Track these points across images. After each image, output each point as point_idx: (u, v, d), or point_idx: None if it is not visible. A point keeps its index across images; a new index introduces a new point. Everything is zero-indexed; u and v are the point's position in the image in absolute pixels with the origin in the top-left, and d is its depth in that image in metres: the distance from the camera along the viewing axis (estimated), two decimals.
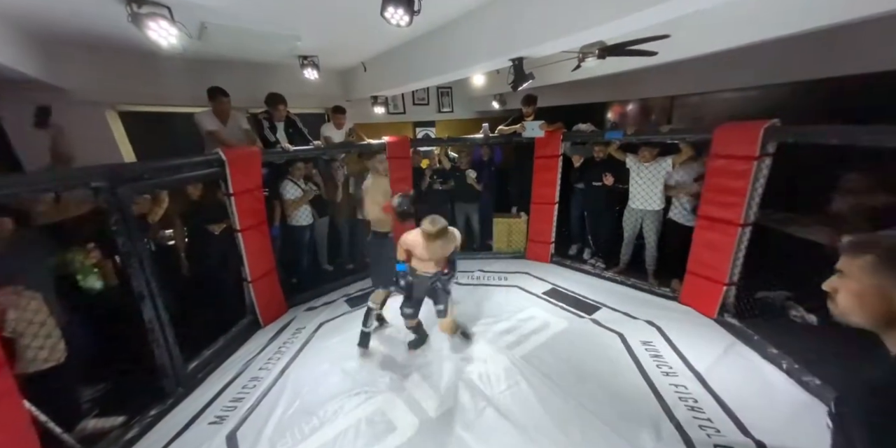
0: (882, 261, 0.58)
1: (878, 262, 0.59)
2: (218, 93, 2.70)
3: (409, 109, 5.13)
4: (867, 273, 0.60)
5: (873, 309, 0.59)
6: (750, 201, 2.30)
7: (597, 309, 2.82)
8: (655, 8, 1.45)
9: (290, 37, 2.64)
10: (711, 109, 3.69)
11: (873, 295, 0.59)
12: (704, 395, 1.88)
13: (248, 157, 2.59)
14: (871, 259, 0.59)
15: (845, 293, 0.63)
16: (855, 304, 0.62)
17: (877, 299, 0.59)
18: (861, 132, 1.76)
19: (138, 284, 1.82)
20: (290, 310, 3.06)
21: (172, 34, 1.84)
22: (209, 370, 2.26)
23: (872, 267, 0.59)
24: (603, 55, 2.39)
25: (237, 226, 2.54)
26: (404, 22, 1.90)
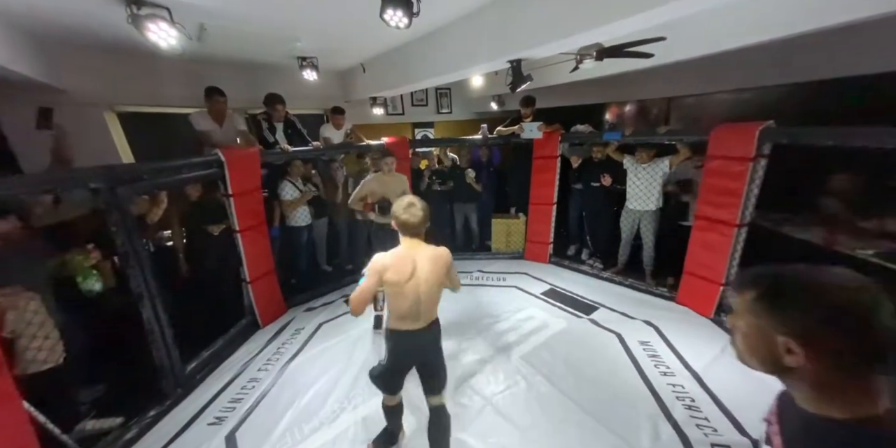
0: (762, 298, 0.49)
1: (757, 299, 0.50)
2: (214, 92, 2.70)
3: (407, 110, 5.14)
4: (749, 311, 0.51)
5: (758, 352, 0.50)
6: (746, 202, 2.32)
7: (595, 309, 2.83)
8: (651, 11, 1.47)
9: (290, 38, 2.66)
10: (707, 111, 3.72)
11: (756, 336, 0.50)
12: (702, 394, 1.90)
13: (247, 158, 2.59)
14: (752, 296, 0.51)
15: (736, 333, 0.54)
16: (743, 345, 0.53)
17: (759, 341, 0.50)
18: (855, 134, 1.78)
19: (137, 285, 1.82)
20: (290, 310, 3.06)
21: (172, 35, 1.84)
22: (208, 371, 2.26)
23: (752, 304, 0.50)
24: (600, 57, 2.41)
25: (236, 226, 2.54)
26: (403, 24, 1.91)
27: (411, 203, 1.34)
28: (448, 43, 2.64)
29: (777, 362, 0.48)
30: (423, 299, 1.35)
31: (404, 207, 1.33)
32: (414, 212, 1.32)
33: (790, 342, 0.45)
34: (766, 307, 0.48)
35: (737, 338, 0.54)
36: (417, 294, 1.34)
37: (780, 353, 0.46)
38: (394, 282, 1.31)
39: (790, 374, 0.48)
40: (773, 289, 0.49)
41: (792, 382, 0.50)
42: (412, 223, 1.32)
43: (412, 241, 1.36)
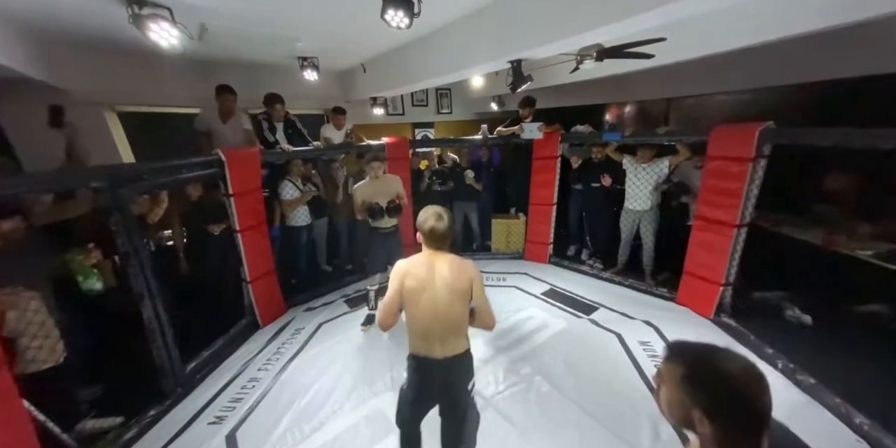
0: (685, 378, 0.60)
1: (682, 377, 0.61)
2: (224, 90, 2.72)
3: (408, 111, 5.15)
4: (675, 384, 0.62)
5: (677, 415, 0.63)
6: (745, 202, 2.32)
7: (595, 309, 2.84)
8: (651, 12, 1.48)
9: (290, 38, 2.66)
10: (706, 111, 3.73)
11: (677, 404, 0.62)
12: None
13: (247, 158, 2.59)
14: (679, 373, 0.61)
15: (661, 394, 0.66)
16: (665, 406, 0.65)
17: (679, 409, 0.61)
18: (854, 134, 1.78)
19: (138, 284, 1.82)
20: (290, 310, 3.06)
21: (173, 35, 1.85)
22: (208, 370, 2.26)
23: (679, 379, 0.61)
24: (600, 58, 2.42)
25: (236, 226, 2.54)
26: (404, 24, 1.92)
27: (438, 213, 1.27)
28: (449, 43, 2.65)
29: (690, 425, 0.61)
30: (441, 315, 1.22)
31: (431, 217, 1.26)
32: (440, 222, 1.25)
33: (700, 415, 0.58)
34: (687, 387, 0.60)
35: (661, 398, 0.66)
36: (435, 307, 1.21)
37: (693, 420, 0.59)
38: (411, 288, 1.22)
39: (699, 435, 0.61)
40: (693, 373, 0.60)
41: (700, 440, 0.62)
42: (438, 232, 1.25)
43: (436, 253, 1.28)
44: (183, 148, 2.91)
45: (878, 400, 1.67)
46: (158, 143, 3.42)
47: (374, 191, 2.50)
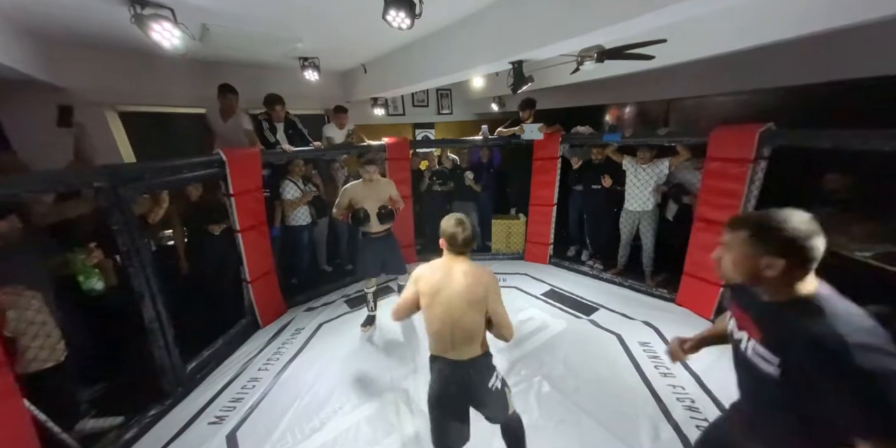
0: (753, 235, 0.77)
1: (750, 236, 0.77)
2: (225, 89, 2.73)
3: (408, 111, 5.16)
4: (742, 244, 0.78)
5: (745, 270, 0.79)
6: (746, 204, 2.33)
7: (595, 310, 2.84)
8: (651, 14, 1.49)
9: (291, 39, 2.66)
10: (706, 113, 3.74)
11: (745, 260, 0.78)
12: (702, 395, 1.90)
13: (248, 158, 2.59)
14: (745, 235, 0.78)
15: (727, 260, 0.83)
16: (732, 268, 0.82)
17: (748, 263, 0.78)
18: (853, 136, 1.79)
19: (139, 284, 1.82)
20: (290, 310, 3.06)
21: (175, 35, 1.85)
22: (208, 370, 2.26)
23: (746, 239, 0.78)
24: (601, 59, 2.42)
25: (237, 226, 2.55)
26: (406, 25, 1.92)
27: (460, 220, 1.27)
28: (450, 44, 2.65)
29: (757, 275, 0.77)
30: (454, 322, 1.22)
31: (452, 223, 1.27)
32: (460, 228, 1.25)
33: (771, 261, 0.74)
34: (756, 242, 0.76)
35: (727, 263, 0.83)
36: (448, 313, 1.22)
37: (760, 269, 0.76)
38: (424, 292, 1.25)
39: (759, 281, 0.79)
40: (759, 229, 0.77)
41: (758, 285, 0.80)
42: (459, 239, 1.25)
43: (456, 258, 1.28)
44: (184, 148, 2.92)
45: None
46: (159, 142, 3.42)
47: (365, 194, 2.46)
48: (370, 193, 2.47)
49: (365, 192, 2.47)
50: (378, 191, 2.50)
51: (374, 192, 2.49)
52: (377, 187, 2.50)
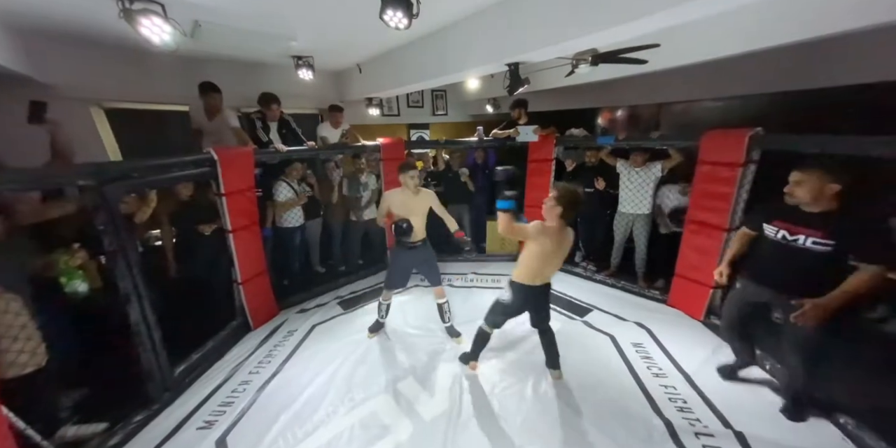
0: (825, 173, 1.47)
1: (823, 173, 1.47)
2: (208, 88, 2.64)
3: (403, 111, 5.14)
4: (818, 179, 1.48)
5: (815, 193, 1.49)
6: (735, 206, 2.38)
7: (588, 311, 2.86)
8: (645, 19, 1.51)
9: (285, 37, 2.63)
10: (696, 117, 3.81)
11: (818, 187, 1.48)
12: (693, 395, 1.93)
13: (240, 157, 2.55)
14: (819, 173, 1.48)
15: (803, 190, 1.52)
16: (807, 193, 1.51)
17: (820, 188, 1.48)
18: (837, 142, 1.84)
19: (125, 286, 1.77)
20: (282, 312, 3.01)
21: (165, 31, 1.81)
22: (197, 374, 2.20)
23: (821, 175, 1.47)
24: (595, 62, 2.45)
25: (228, 226, 2.50)
26: (403, 25, 1.91)
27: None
28: (446, 45, 2.65)
29: (821, 196, 1.49)
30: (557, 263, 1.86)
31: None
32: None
33: (835, 186, 1.46)
34: (827, 176, 1.47)
35: (800, 192, 1.53)
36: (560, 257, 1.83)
37: (826, 191, 1.48)
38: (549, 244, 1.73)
39: (816, 202, 1.51)
40: (828, 167, 1.48)
41: (811, 204, 1.53)
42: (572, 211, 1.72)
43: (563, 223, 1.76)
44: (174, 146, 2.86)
45: (860, 399, 1.72)
46: (148, 140, 3.34)
47: (404, 207, 2.26)
48: (410, 207, 2.27)
49: (406, 201, 2.26)
50: (420, 203, 2.30)
51: (415, 205, 2.28)
52: (420, 199, 2.30)
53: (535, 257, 1.78)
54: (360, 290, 3.39)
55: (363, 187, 3.56)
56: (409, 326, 2.73)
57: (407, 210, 2.27)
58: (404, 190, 2.30)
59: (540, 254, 1.76)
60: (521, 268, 1.86)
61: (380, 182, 3.65)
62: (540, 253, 1.76)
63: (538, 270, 1.82)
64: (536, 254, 1.77)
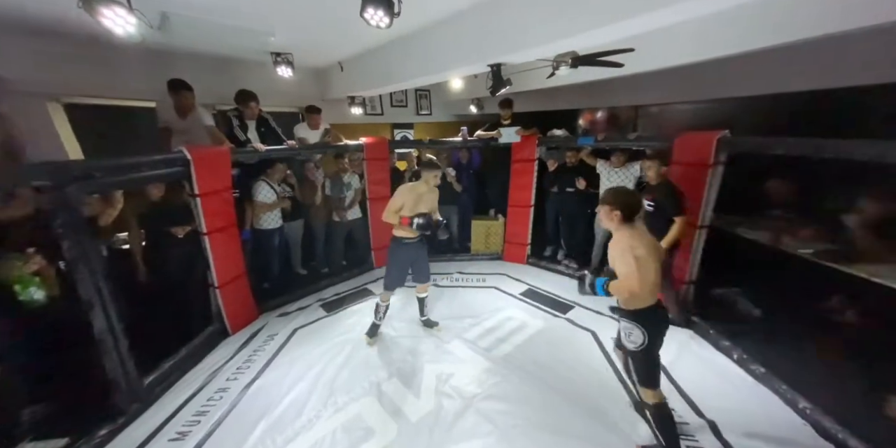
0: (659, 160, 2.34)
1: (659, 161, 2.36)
2: (179, 86, 2.51)
3: (386, 111, 5.09)
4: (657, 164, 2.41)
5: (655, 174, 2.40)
6: (706, 206, 2.49)
7: (571, 308, 2.93)
8: (622, 23, 1.55)
9: (262, 32, 2.55)
10: (669, 119, 3.97)
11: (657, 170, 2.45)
12: (669, 386, 2.01)
13: (216, 157, 2.45)
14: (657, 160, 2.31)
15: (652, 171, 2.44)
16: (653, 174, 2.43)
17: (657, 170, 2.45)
18: (799, 144, 1.95)
19: (87, 292, 1.66)
20: (262, 316, 2.92)
21: (130, 22, 1.71)
22: (169, 383, 2.10)
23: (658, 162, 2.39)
24: (575, 64, 2.51)
25: (203, 229, 2.40)
26: (384, 23, 1.89)
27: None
28: (428, 44, 2.64)
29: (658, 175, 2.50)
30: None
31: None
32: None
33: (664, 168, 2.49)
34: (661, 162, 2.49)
35: (652, 172, 2.48)
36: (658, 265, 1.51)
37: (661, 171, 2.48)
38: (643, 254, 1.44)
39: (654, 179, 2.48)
40: (661, 157, 2.38)
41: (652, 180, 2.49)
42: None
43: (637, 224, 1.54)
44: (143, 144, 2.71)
45: (820, 386, 1.84)
46: (114, 138, 3.15)
47: (420, 202, 2.26)
48: (424, 202, 2.29)
49: (420, 200, 2.27)
50: (433, 199, 2.36)
51: (429, 200, 2.33)
52: (432, 195, 2.35)
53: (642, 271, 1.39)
54: (343, 292, 3.34)
55: (346, 187, 3.51)
56: (394, 328, 2.71)
57: (423, 204, 2.29)
58: (424, 185, 2.30)
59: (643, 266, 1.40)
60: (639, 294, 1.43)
61: (363, 182, 3.60)
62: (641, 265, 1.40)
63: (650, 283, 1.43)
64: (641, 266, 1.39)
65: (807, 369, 1.97)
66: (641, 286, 1.40)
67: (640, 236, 1.47)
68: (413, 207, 2.27)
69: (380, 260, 3.83)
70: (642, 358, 1.51)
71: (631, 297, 1.45)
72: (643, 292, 1.44)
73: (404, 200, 2.26)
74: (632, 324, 1.48)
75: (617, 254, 1.45)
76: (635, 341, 1.48)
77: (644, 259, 1.41)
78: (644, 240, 1.47)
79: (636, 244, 1.43)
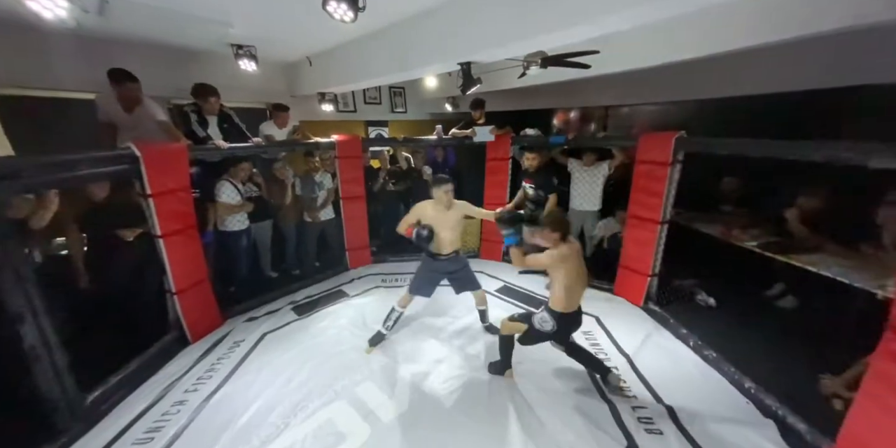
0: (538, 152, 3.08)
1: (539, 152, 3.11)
2: (121, 77, 2.26)
3: (360, 108, 4.98)
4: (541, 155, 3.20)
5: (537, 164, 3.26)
6: (666, 202, 2.62)
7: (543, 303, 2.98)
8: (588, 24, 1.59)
9: (219, 22, 2.41)
10: (637, 119, 4.15)
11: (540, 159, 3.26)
12: (632, 375, 2.10)
13: (171, 154, 2.30)
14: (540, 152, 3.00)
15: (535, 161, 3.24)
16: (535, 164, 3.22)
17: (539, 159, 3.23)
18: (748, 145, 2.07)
19: (15, 303, 1.50)
20: (227, 322, 2.78)
21: (60, 6, 1.56)
22: (119, 398, 1.94)
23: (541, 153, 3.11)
24: (545, 65, 2.56)
25: (157, 231, 2.24)
26: (348, 17, 1.85)
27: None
28: (398, 42, 2.60)
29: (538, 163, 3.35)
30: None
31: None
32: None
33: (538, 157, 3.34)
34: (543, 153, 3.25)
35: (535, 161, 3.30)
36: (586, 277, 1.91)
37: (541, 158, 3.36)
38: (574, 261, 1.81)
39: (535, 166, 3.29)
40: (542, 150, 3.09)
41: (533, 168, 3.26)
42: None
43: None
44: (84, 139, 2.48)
45: (762, 367, 1.99)
46: (48, 132, 2.85)
47: (440, 219, 2.18)
48: (442, 220, 2.18)
49: (440, 216, 2.17)
50: (454, 216, 2.21)
51: (449, 218, 2.19)
52: (454, 213, 2.21)
53: (567, 281, 1.77)
54: (316, 294, 3.23)
55: (318, 187, 3.40)
56: (368, 329, 2.65)
57: (438, 224, 2.18)
58: (436, 205, 2.18)
59: (567, 276, 1.77)
60: (557, 295, 1.82)
61: (336, 181, 3.50)
62: (566, 276, 1.77)
63: (575, 294, 1.83)
64: (566, 277, 1.77)
65: (753, 352, 2.12)
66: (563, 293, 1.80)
67: (576, 252, 1.81)
68: (431, 224, 2.20)
69: (354, 261, 3.75)
70: (537, 334, 1.97)
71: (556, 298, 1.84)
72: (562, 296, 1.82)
73: (418, 217, 2.21)
74: (550, 316, 1.89)
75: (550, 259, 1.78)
76: (545, 327, 1.91)
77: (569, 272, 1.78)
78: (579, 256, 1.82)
79: (574, 260, 1.79)
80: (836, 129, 2.58)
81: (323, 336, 2.57)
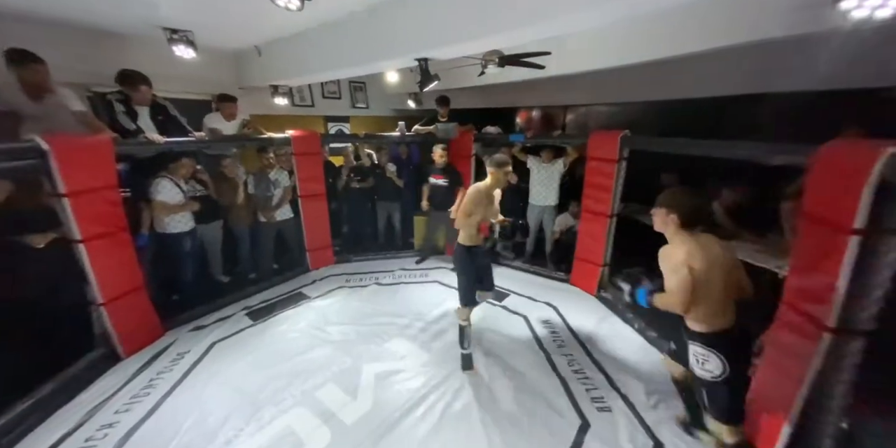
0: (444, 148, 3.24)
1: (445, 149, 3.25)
2: (24, 58, 1.94)
3: (318, 103, 4.77)
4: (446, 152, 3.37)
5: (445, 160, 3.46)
6: (615, 196, 2.81)
7: (506, 296, 3.08)
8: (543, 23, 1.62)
9: (142, 2, 2.16)
10: (592, 119, 4.41)
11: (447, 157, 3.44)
12: (585, 359, 2.24)
13: (90, 148, 2.04)
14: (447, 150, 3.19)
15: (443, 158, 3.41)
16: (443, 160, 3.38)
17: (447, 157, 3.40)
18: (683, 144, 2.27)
19: None
20: (169, 332, 2.54)
21: None
22: (27, 429, 1.69)
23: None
24: (502, 64, 2.62)
25: (76, 236, 1.98)
26: (294, 6, 1.77)
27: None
28: (354, 34, 2.52)
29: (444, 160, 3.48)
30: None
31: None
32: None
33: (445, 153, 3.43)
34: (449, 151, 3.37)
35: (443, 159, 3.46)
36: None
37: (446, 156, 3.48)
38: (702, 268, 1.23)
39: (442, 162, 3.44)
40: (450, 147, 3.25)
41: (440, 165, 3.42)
42: None
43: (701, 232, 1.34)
44: None
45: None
46: None
47: (490, 206, 1.98)
48: (493, 205, 2.00)
49: (492, 204, 1.98)
50: (496, 201, 2.05)
51: (495, 201, 2.03)
52: (497, 197, 2.05)
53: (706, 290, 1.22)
54: (273, 298, 3.06)
55: (273, 185, 3.20)
56: (331, 329, 2.57)
57: (490, 211, 2.00)
58: (490, 189, 1.98)
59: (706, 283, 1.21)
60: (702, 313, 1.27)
61: (293, 179, 3.32)
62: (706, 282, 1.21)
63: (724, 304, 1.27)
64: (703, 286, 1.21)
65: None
66: (694, 302, 1.19)
67: (703, 247, 1.23)
68: (484, 212, 1.96)
69: (315, 261, 3.60)
70: (724, 389, 1.26)
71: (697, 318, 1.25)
72: (701, 312, 1.24)
73: (475, 203, 1.92)
74: (705, 349, 1.24)
75: (666, 264, 1.25)
76: (712, 370, 1.24)
77: (702, 273, 1.19)
78: (708, 251, 1.22)
79: (694, 256, 1.20)
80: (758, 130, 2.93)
81: (281, 341, 2.45)
